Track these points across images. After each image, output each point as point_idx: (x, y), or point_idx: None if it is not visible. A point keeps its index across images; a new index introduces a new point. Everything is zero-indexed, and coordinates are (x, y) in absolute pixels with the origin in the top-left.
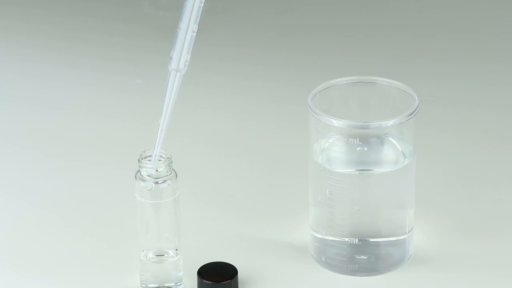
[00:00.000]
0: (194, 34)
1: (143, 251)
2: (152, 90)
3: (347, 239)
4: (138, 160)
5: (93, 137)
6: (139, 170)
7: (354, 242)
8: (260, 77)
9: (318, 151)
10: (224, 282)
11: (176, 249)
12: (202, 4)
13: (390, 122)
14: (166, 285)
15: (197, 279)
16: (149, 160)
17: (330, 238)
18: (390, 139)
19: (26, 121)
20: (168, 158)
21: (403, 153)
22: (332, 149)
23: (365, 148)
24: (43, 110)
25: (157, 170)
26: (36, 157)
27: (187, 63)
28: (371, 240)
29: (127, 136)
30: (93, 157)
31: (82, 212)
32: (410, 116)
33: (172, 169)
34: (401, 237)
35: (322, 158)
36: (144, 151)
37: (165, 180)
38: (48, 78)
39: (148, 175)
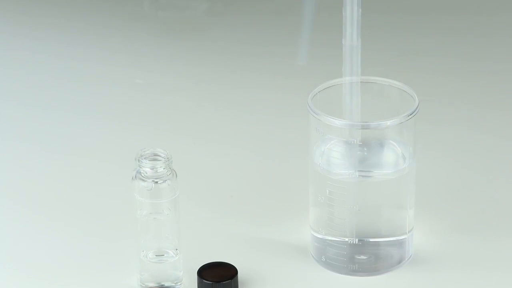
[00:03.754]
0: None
1: (143, 251)
2: (152, 90)
3: (347, 239)
4: (138, 160)
5: (93, 137)
6: (138, 170)
7: (354, 242)
8: (260, 77)
9: (318, 154)
10: (224, 282)
11: (176, 249)
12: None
13: (390, 122)
14: (166, 285)
15: (197, 279)
16: (150, 160)
17: (330, 238)
18: (391, 141)
19: (25, 121)
20: (167, 158)
21: (403, 156)
22: (331, 154)
23: (365, 149)
24: (43, 110)
25: (152, 169)
26: (35, 157)
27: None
28: (371, 240)
29: (127, 136)
30: (93, 157)
31: (81, 212)
32: (410, 116)
33: (172, 169)
34: (401, 237)
35: (322, 161)
36: (143, 150)
37: (165, 180)
38: (48, 78)
39: (146, 176)
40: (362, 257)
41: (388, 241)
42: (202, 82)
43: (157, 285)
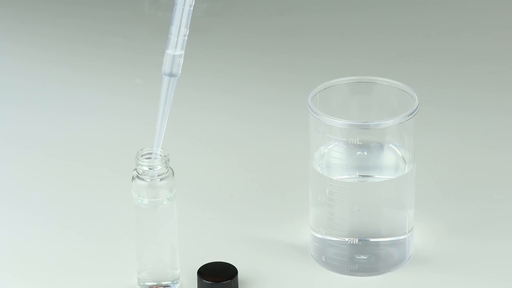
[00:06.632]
0: (186, 38)
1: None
2: (152, 90)
3: (347, 239)
4: (136, 159)
5: (93, 137)
6: (136, 168)
7: (354, 242)
8: (260, 77)
9: (318, 154)
10: (224, 282)
11: (174, 249)
12: (192, 8)
13: (390, 122)
14: (163, 283)
15: (197, 279)
16: (146, 158)
17: (330, 238)
18: (391, 141)
19: (25, 121)
20: (165, 156)
21: (403, 158)
22: (331, 154)
23: (365, 153)
24: (43, 110)
25: (150, 168)
26: (36, 157)
27: (180, 67)
28: (371, 240)
29: (127, 136)
30: (93, 157)
31: (81, 212)
32: (410, 116)
33: (169, 167)
34: (401, 237)
35: (322, 164)
36: (142, 149)
37: (162, 178)
38: (48, 79)
39: (144, 174)
40: (362, 257)
41: (388, 241)
42: (201, 83)
43: (154, 283)
